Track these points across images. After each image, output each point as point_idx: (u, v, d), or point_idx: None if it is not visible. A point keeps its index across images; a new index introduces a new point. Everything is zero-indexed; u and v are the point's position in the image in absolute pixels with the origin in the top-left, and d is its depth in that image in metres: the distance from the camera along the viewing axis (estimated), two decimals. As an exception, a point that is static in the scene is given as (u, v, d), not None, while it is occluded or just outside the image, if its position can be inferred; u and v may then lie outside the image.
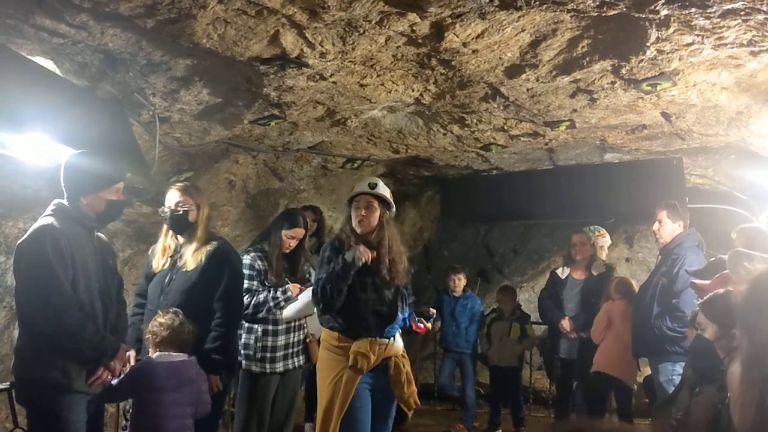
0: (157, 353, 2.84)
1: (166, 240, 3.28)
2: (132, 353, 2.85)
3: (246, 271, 3.54)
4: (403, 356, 3.17)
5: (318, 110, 3.74)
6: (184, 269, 3.13)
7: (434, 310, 3.24)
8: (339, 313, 3.06)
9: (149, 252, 3.41)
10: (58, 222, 2.58)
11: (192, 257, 3.13)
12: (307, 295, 3.65)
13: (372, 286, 3.07)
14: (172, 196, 3.19)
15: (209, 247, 3.14)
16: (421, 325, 3.22)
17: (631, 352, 4.15)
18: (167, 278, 3.18)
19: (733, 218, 4.94)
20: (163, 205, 3.22)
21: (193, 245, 3.16)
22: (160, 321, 2.89)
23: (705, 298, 2.30)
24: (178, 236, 3.25)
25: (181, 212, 3.16)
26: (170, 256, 3.24)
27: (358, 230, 3.09)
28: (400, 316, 3.18)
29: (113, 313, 2.78)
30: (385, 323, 3.07)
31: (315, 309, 3.51)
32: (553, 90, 3.36)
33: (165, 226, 3.29)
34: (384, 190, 3.17)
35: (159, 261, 3.26)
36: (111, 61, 2.87)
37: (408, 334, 3.44)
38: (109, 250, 2.94)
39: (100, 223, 2.80)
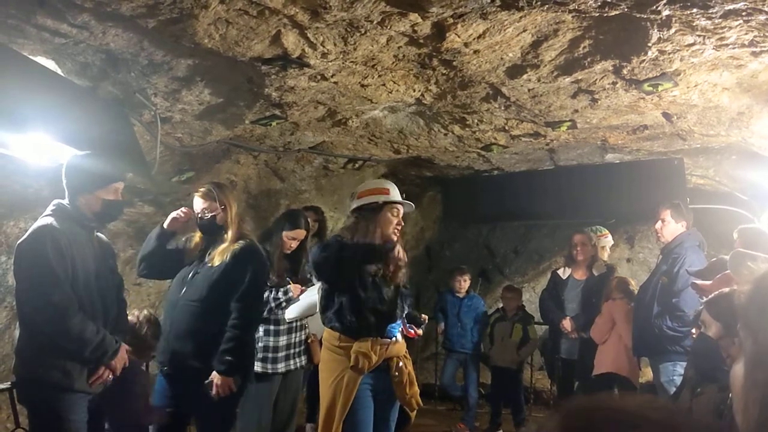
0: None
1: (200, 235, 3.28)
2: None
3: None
4: (405, 357, 3.16)
5: (319, 110, 3.74)
6: (209, 264, 3.12)
7: (426, 317, 3.20)
8: (340, 313, 3.05)
9: (184, 238, 3.38)
10: (58, 222, 2.58)
11: (218, 254, 3.10)
12: (309, 295, 3.66)
13: (372, 284, 3.06)
14: (197, 204, 3.18)
15: (236, 246, 3.11)
16: (412, 331, 3.19)
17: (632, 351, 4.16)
18: (192, 272, 3.16)
19: (734, 219, 4.94)
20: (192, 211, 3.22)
21: (222, 244, 3.14)
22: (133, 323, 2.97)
23: (710, 296, 2.30)
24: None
25: (207, 219, 3.14)
26: (200, 249, 3.23)
27: (395, 238, 3.10)
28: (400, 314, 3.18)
29: (114, 312, 2.78)
30: (385, 322, 3.06)
31: (317, 309, 3.51)
32: (555, 90, 3.36)
33: None
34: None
35: (190, 249, 3.25)
36: (112, 61, 2.88)
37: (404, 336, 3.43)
38: (110, 251, 2.94)
39: (98, 223, 2.80)
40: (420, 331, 3.17)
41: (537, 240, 7.20)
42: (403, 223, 3.13)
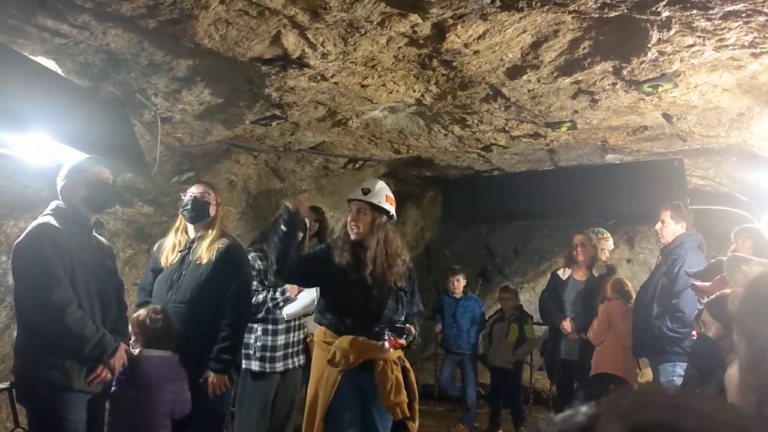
0: (140, 349, 2.86)
1: (177, 236, 3.25)
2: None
3: (247, 271, 3.54)
4: (394, 362, 3.08)
5: (319, 111, 3.74)
6: (198, 262, 3.11)
7: (412, 328, 3.08)
8: (325, 309, 3.12)
9: (155, 247, 3.38)
10: (56, 221, 2.58)
11: (207, 251, 3.11)
12: (306, 294, 3.66)
13: (359, 285, 3.07)
14: (197, 187, 3.22)
15: (221, 245, 3.13)
16: (392, 339, 3.02)
17: (630, 351, 4.16)
18: (176, 274, 3.15)
19: (734, 220, 4.94)
20: (182, 197, 3.21)
21: (208, 239, 3.14)
22: (143, 317, 2.91)
23: (712, 297, 2.31)
24: (192, 229, 3.22)
25: (203, 201, 3.16)
26: (179, 251, 3.21)
27: (352, 236, 3.12)
28: (390, 315, 3.14)
29: (113, 313, 2.78)
30: (369, 322, 3.05)
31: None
32: (555, 91, 3.36)
33: (177, 222, 3.27)
34: (376, 197, 3.14)
35: (168, 257, 3.21)
36: (113, 61, 2.88)
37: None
38: (109, 252, 2.94)
39: (90, 210, 2.74)
40: (402, 341, 3.05)
41: (537, 240, 7.20)
42: (354, 219, 3.13)
